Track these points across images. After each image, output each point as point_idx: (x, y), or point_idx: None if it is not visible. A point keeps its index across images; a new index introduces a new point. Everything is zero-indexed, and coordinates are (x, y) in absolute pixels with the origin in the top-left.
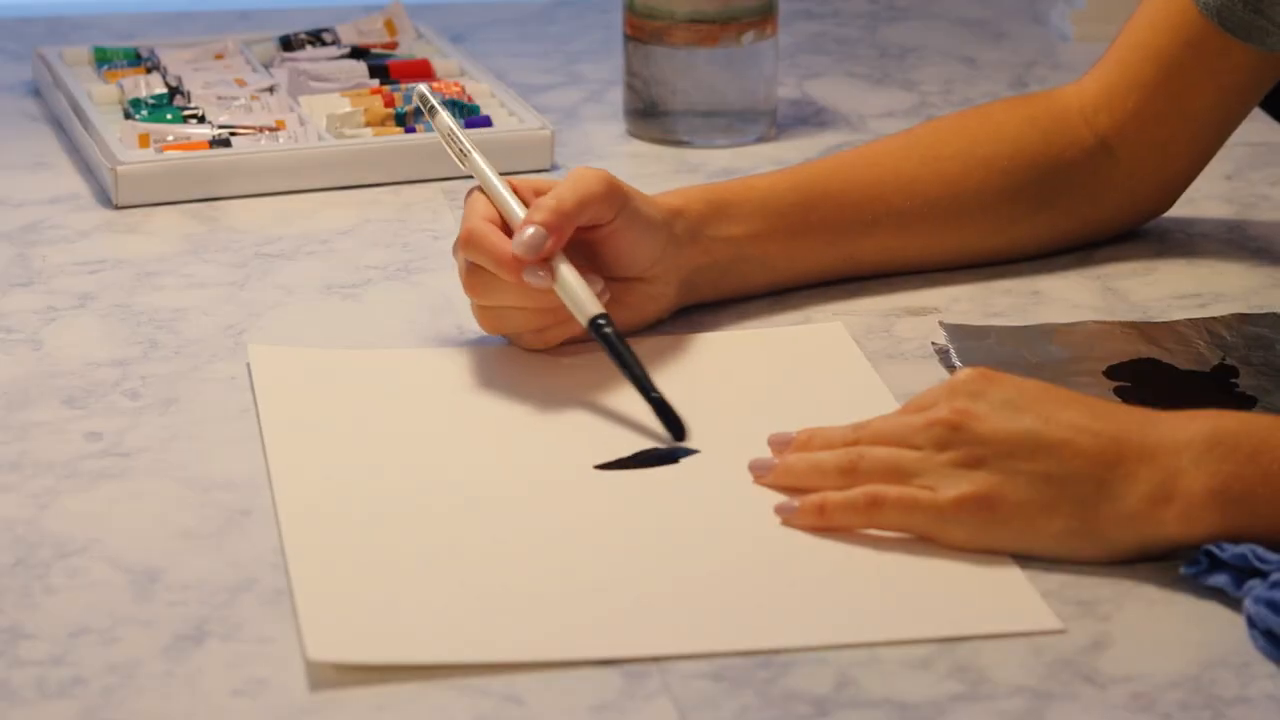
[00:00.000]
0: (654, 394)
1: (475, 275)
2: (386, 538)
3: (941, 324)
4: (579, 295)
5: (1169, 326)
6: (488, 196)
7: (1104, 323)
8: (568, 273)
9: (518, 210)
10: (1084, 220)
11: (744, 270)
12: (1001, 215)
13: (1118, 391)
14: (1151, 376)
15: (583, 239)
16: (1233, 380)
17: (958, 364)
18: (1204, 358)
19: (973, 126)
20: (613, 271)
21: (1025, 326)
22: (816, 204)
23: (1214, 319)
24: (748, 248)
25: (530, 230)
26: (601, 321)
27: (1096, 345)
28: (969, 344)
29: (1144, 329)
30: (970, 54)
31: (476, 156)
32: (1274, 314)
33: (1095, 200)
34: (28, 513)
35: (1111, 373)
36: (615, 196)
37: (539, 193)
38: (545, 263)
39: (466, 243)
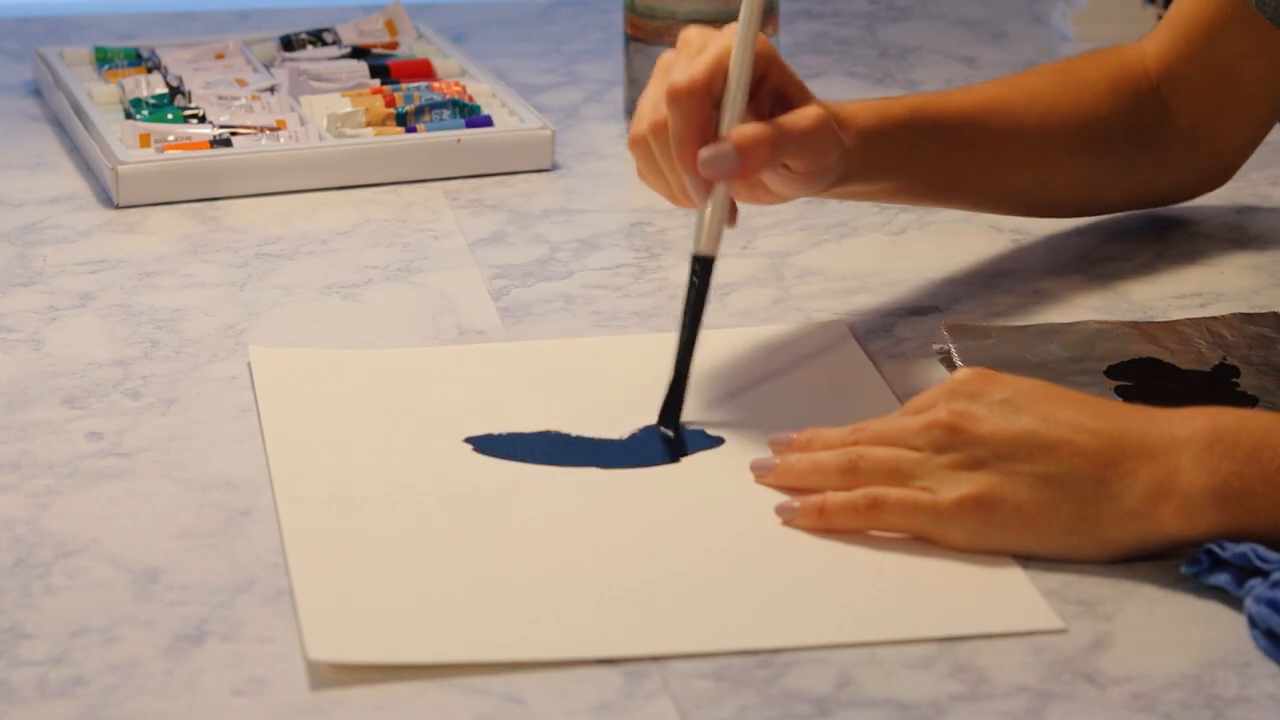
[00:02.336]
0: (681, 372)
1: (638, 142)
2: (387, 537)
3: (943, 324)
4: (708, 226)
5: (1170, 326)
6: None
7: (1105, 322)
8: (718, 201)
9: (737, 104)
10: (1154, 184)
11: (874, 196)
12: (1092, 173)
13: (1119, 391)
14: (1152, 376)
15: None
16: (1234, 380)
17: (959, 364)
18: (1205, 357)
19: (1074, 86)
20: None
21: (1026, 326)
22: (959, 142)
23: (1215, 318)
24: (894, 185)
25: (726, 150)
26: (701, 266)
27: (1097, 345)
28: (970, 344)
29: (1145, 328)
30: (970, 54)
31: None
32: (1275, 313)
33: (1162, 164)
34: (28, 512)
35: (1112, 372)
36: (825, 155)
37: (782, 94)
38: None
39: (672, 97)
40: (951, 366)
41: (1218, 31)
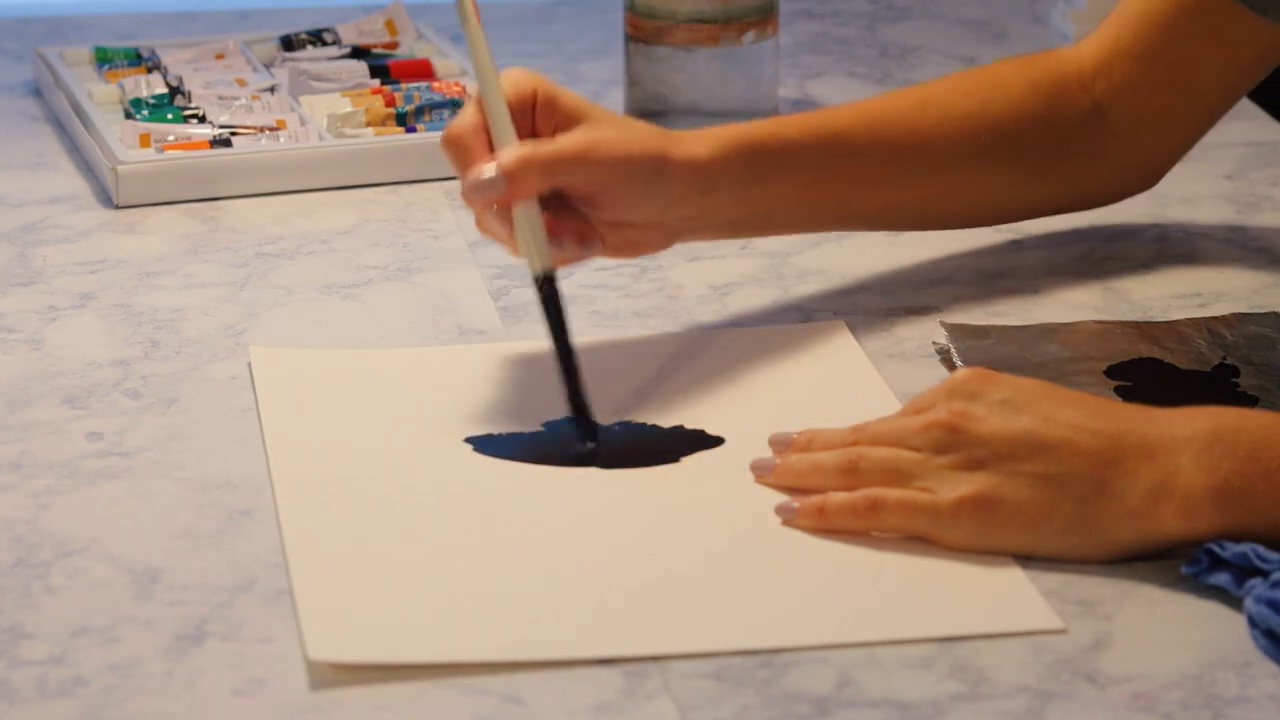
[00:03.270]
0: (576, 392)
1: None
2: (386, 537)
3: (942, 324)
4: (529, 243)
5: (1170, 326)
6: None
7: (1104, 322)
8: (523, 216)
9: (502, 130)
10: (1077, 188)
11: (749, 224)
12: (1002, 178)
13: (1119, 391)
14: (1152, 376)
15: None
16: (1234, 380)
17: (959, 364)
18: (1205, 357)
19: (983, 87)
20: (596, 212)
21: (1026, 326)
22: (835, 160)
23: (1215, 318)
24: (761, 205)
25: (485, 173)
26: (545, 281)
27: (1097, 345)
28: (970, 344)
29: (1144, 328)
30: (970, 54)
31: (479, 34)
32: (1275, 314)
33: (1088, 167)
34: (28, 512)
35: (1112, 372)
36: (609, 165)
37: (549, 122)
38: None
39: (446, 144)
40: (951, 366)
41: (1174, 26)
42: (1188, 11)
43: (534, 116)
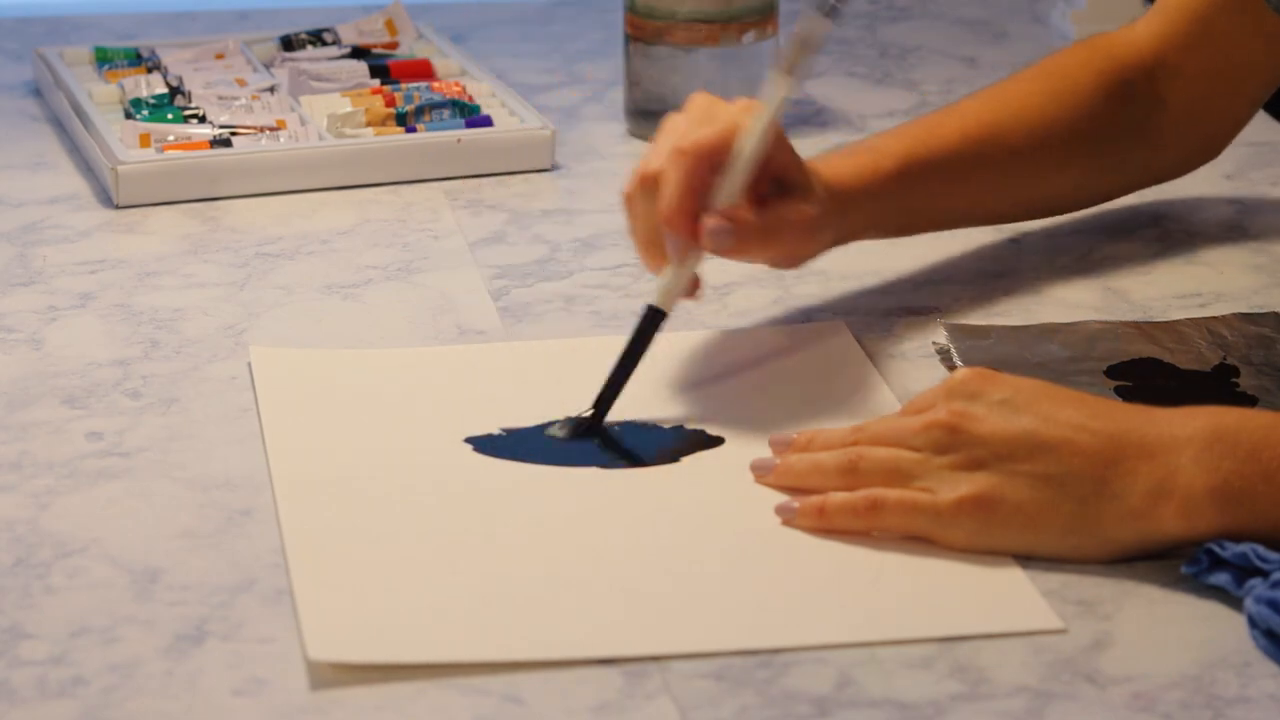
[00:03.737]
0: (599, 408)
1: (646, 180)
2: (386, 537)
3: (942, 324)
4: (670, 285)
5: (1170, 326)
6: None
7: (1105, 322)
8: (688, 266)
9: (739, 178)
10: (1147, 169)
11: (879, 237)
12: (1078, 174)
13: (1119, 391)
14: (1152, 376)
15: None
16: (1234, 380)
17: (959, 364)
18: (1205, 357)
19: (1057, 88)
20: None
21: (1026, 326)
22: (944, 184)
23: (1215, 318)
24: (891, 230)
25: (724, 227)
26: (653, 315)
27: (1097, 345)
28: (970, 343)
29: (1145, 328)
30: (970, 54)
31: (784, 88)
32: (1275, 314)
33: (1155, 150)
34: (28, 512)
35: (1112, 372)
36: (807, 249)
37: (782, 178)
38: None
39: (677, 154)
40: (951, 366)
41: (1214, 17)
42: (1225, 9)
43: (763, 166)
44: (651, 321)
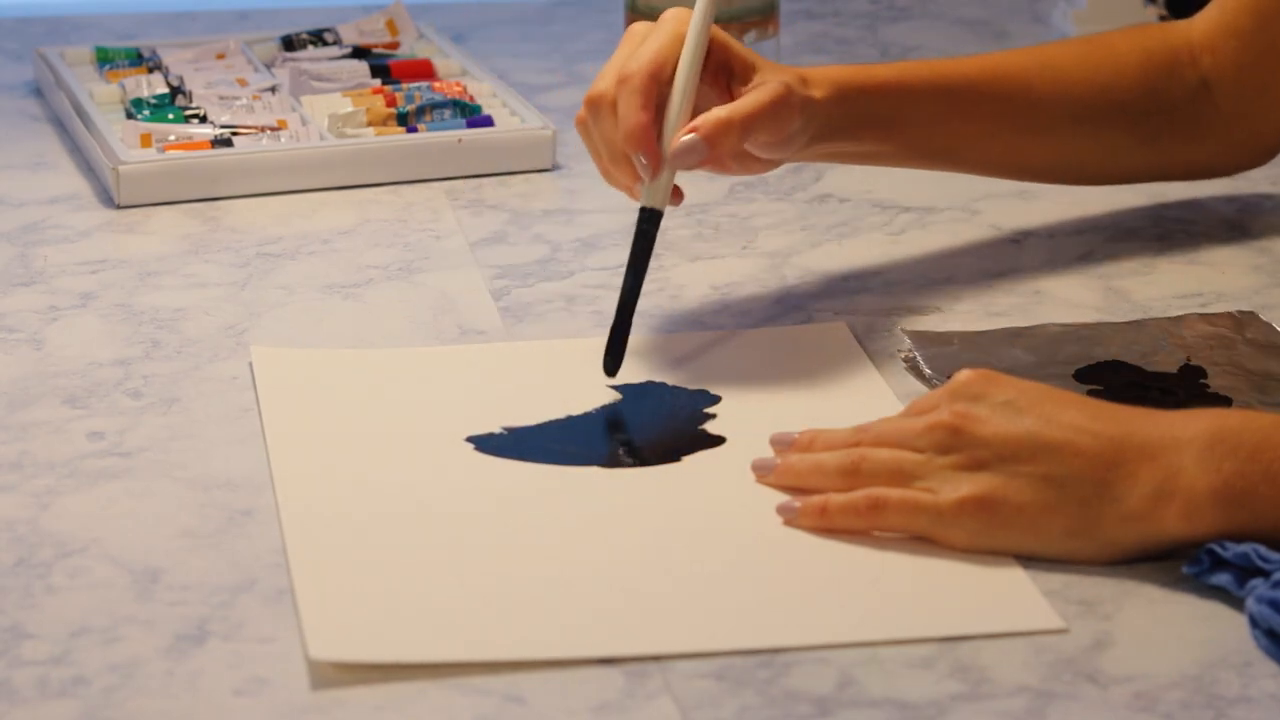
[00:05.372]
0: (624, 321)
1: (594, 104)
2: (388, 537)
3: (905, 331)
4: (657, 185)
5: (1135, 325)
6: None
7: (1065, 325)
8: (668, 171)
9: (686, 85)
10: (1183, 159)
11: (857, 158)
12: (1110, 142)
13: (1091, 394)
14: (1121, 378)
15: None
16: (1202, 381)
17: (928, 371)
18: (1169, 359)
19: (1099, 52)
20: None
21: (988, 331)
22: (951, 110)
23: (1173, 319)
24: (870, 145)
25: (688, 140)
26: (649, 217)
27: (1060, 348)
28: (934, 351)
29: (1105, 330)
30: (971, 54)
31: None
32: (1230, 314)
33: (1194, 140)
34: (29, 512)
35: (1081, 375)
36: (790, 121)
37: (729, 68)
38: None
39: (621, 82)
40: (919, 373)
41: (1265, 9)
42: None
43: (706, 62)
44: (650, 223)
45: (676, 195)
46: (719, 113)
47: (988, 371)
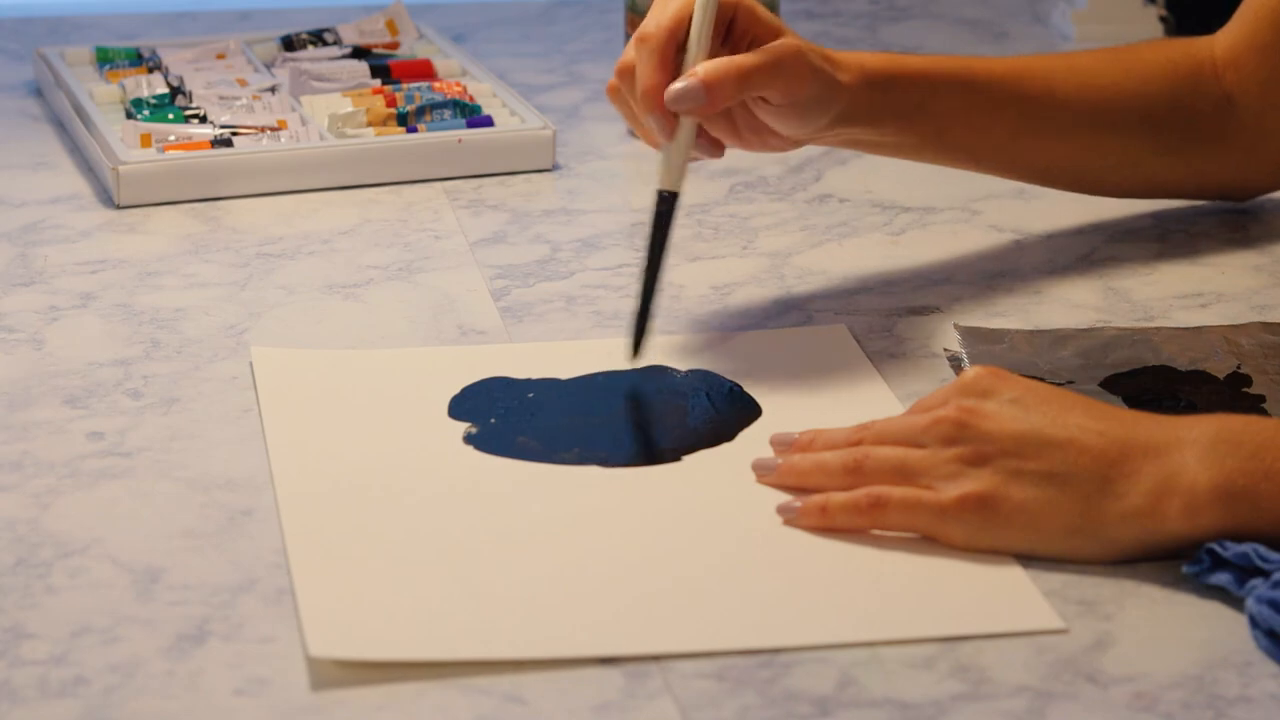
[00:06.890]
0: (646, 305)
1: (623, 71)
2: (387, 535)
3: (956, 327)
4: (671, 162)
5: (1191, 333)
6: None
7: (1121, 329)
8: (681, 139)
9: (701, 43)
10: (1204, 173)
11: (876, 147)
12: (1130, 151)
13: (1129, 399)
14: (1164, 384)
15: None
16: (1245, 389)
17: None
18: (1220, 366)
19: (1125, 60)
20: (749, 117)
21: (1041, 331)
22: (973, 107)
23: (1235, 326)
24: (891, 136)
25: (685, 84)
26: (664, 200)
27: (1110, 352)
28: (983, 349)
29: (1157, 335)
30: (971, 54)
31: None
32: None
33: (1216, 155)
34: (29, 512)
35: (1122, 380)
36: (800, 84)
37: (753, 36)
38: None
39: (639, 41)
40: (960, 370)
41: None
42: None
43: (730, 27)
44: (666, 205)
45: (717, 147)
46: (719, 60)
47: (997, 369)
